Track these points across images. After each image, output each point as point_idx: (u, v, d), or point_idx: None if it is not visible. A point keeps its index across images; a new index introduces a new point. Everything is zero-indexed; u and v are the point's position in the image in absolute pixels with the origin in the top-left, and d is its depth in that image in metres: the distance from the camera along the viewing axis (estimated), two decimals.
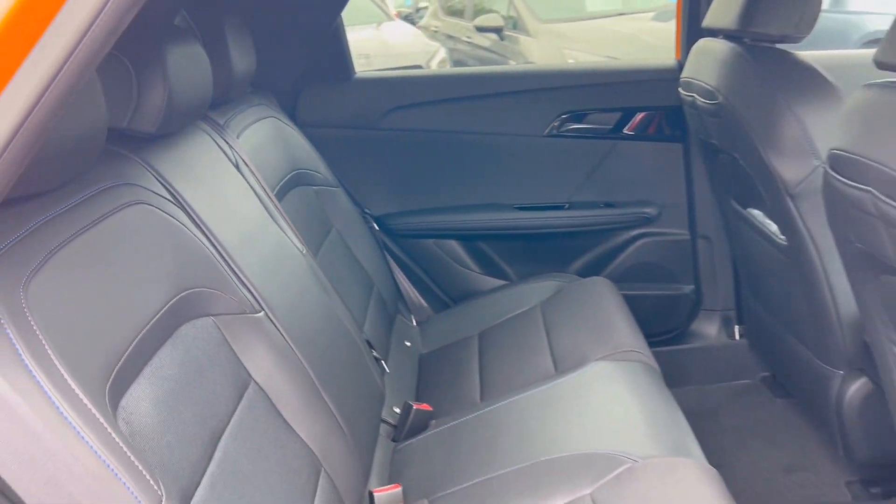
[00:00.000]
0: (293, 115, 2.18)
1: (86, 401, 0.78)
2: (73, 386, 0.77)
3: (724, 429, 2.11)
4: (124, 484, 0.76)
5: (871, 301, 1.24)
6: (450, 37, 8.28)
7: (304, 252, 1.62)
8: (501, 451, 1.46)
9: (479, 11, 8.05)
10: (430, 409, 1.69)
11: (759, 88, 1.68)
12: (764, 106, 1.65)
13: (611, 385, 1.57)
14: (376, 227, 2.27)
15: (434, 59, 7.31)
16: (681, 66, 2.23)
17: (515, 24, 7.20)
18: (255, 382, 1.22)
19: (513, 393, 1.65)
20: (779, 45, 1.76)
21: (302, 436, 1.25)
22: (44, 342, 0.77)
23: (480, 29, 7.47)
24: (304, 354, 1.32)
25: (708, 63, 1.86)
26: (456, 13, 8.55)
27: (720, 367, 2.37)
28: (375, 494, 1.39)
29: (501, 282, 2.36)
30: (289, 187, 1.84)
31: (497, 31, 7.24)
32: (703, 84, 1.86)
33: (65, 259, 0.90)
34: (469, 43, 7.84)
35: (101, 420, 0.79)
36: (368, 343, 1.73)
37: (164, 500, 0.80)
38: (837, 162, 1.15)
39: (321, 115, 2.29)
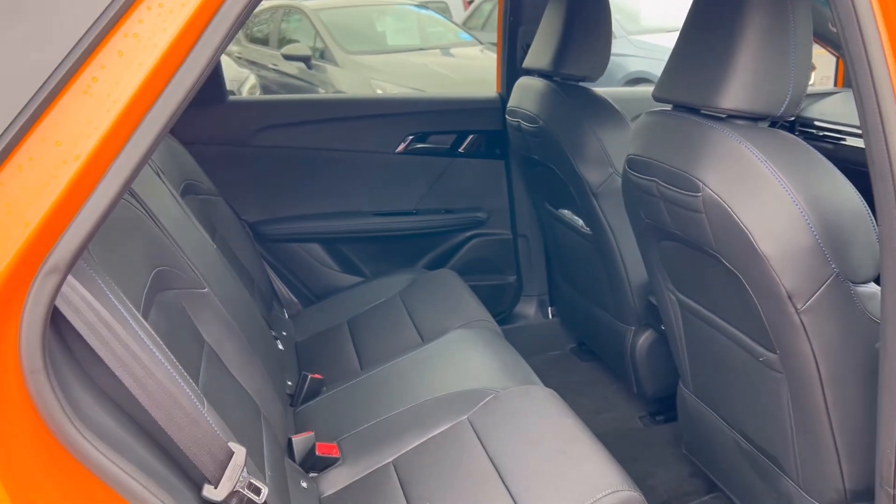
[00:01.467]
0: (172, 133, 2.40)
1: (147, 328, 1.05)
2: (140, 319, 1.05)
3: None
4: (183, 387, 1.04)
5: (655, 262, 1.75)
6: (254, 63, 8.30)
7: (215, 247, 1.89)
8: (391, 400, 1.76)
9: (283, 41, 8.20)
10: (321, 377, 1.96)
11: (570, 115, 2.13)
12: (573, 128, 2.10)
13: (469, 344, 1.93)
14: (251, 233, 2.51)
15: (245, 85, 7.39)
16: (501, 98, 2.68)
17: (323, 54, 7.45)
18: (208, 344, 1.49)
19: (389, 360, 1.94)
20: (581, 83, 2.23)
21: (245, 387, 1.54)
22: (107, 291, 1.04)
23: (288, 57, 7.58)
24: (238, 324, 1.60)
25: (529, 95, 2.29)
26: (259, 41, 8.58)
27: (538, 341, 2.78)
28: (294, 439, 1.65)
29: (360, 279, 2.63)
30: (183, 195, 2.07)
31: (305, 60, 7.40)
32: (526, 111, 2.27)
33: None
34: (276, 70, 7.97)
35: (159, 341, 1.06)
36: (267, 324, 2.01)
37: (201, 402, 1.09)
38: (633, 163, 1.61)
39: (198, 133, 2.46)
